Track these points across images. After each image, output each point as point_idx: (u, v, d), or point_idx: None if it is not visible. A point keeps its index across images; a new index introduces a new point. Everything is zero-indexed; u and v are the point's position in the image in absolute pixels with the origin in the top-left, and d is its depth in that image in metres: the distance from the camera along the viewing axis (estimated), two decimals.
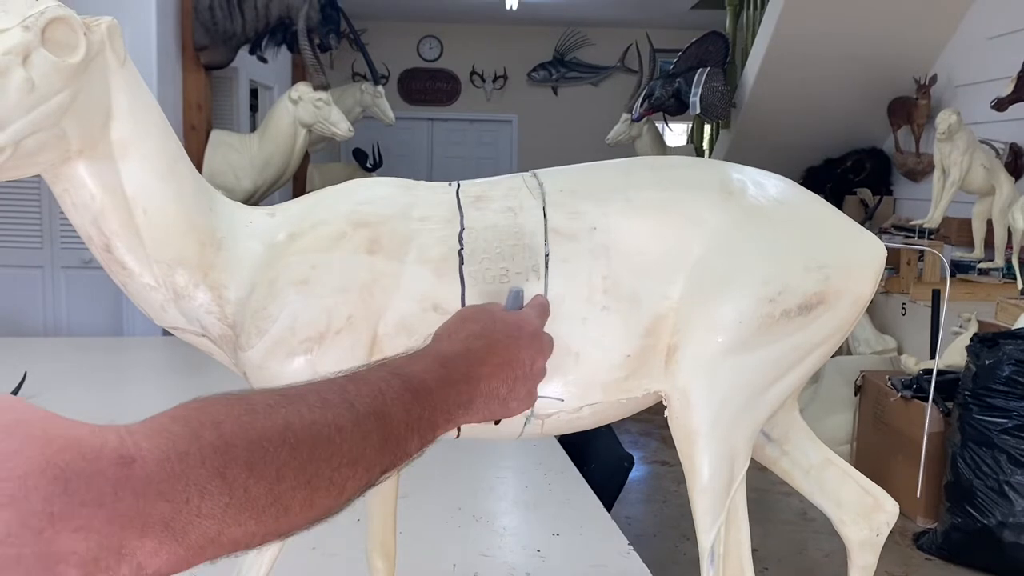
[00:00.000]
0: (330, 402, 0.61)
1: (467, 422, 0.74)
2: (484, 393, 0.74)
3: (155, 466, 0.49)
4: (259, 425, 0.56)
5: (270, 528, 0.56)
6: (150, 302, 1.00)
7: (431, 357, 0.72)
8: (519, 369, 0.77)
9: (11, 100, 0.77)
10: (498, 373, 0.75)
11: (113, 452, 0.48)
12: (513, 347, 0.78)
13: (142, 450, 0.49)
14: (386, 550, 1.20)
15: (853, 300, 1.06)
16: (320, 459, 0.58)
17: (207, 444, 0.52)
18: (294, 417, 0.57)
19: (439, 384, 0.70)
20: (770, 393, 1.04)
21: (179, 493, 0.50)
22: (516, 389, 0.77)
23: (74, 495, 0.46)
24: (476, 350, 0.75)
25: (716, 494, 1.02)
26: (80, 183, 0.90)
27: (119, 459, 0.48)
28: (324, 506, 0.60)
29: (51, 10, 0.79)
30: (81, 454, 0.47)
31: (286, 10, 4.23)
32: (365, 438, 0.61)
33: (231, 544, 0.54)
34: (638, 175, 1.11)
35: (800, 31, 5.27)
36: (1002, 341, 3.38)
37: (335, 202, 1.06)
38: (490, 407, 0.76)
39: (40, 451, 0.45)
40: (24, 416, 0.47)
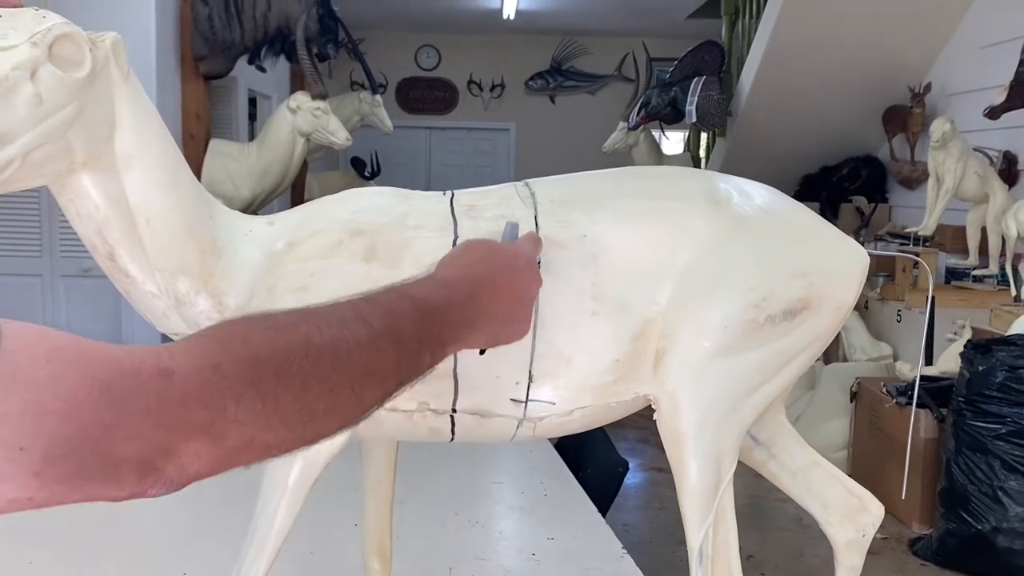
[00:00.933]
0: (347, 320, 0.65)
1: (473, 342, 0.79)
2: (485, 314, 0.80)
3: (193, 377, 0.53)
4: (284, 339, 0.60)
5: (298, 433, 0.60)
6: (152, 309, 1.02)
7: (436, 281, 0.78)
8: (516, 293, 0.83)
9: (20, 114, 0.79)
10: (498, 295, 0.81)
11: (152, 366, 0.52)
12: (510, 272, 0.84)
13: (179, 363, 0.53)
14: (382, 552, 1.23)
15: (837, 306, 1.09)
16: (341, 369, 0.63)
17: (239, 356, 0.57)
18: (315, 332, 0.62)
19: (445, 303, 0.75)
20: (756, 396, 1.07)
21: (216, 401, 0.54)
22: (514, 312, 0.83)
23: (122, 407, 0.50)
24: (477, 274, 0.81)
25: (704, 495, 1.05)
26: (85, 194, 0.93)
27: (159, 371, 0.52)
28: (346, 414, 0.64)
29: (58, 27, 0.82)
30: (122, 370, 0.51)
31: (284, 20, 4.27)
32: (380, 351, 0.66)
33: (263, 448, 0.58)
34: (627, 184, 1.14)
35: (795, 40, 5.31)
36: (995, 347, 3.41)
37: (332, 211, 1.09)
38: (491, 328, 0.81)
39: (83, 371, 0.49)
40: (60, 343, 0.50)
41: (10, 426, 0.46)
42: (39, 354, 0.48)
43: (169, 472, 0.53)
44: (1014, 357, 3.33)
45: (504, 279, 0.82)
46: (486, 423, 1.06)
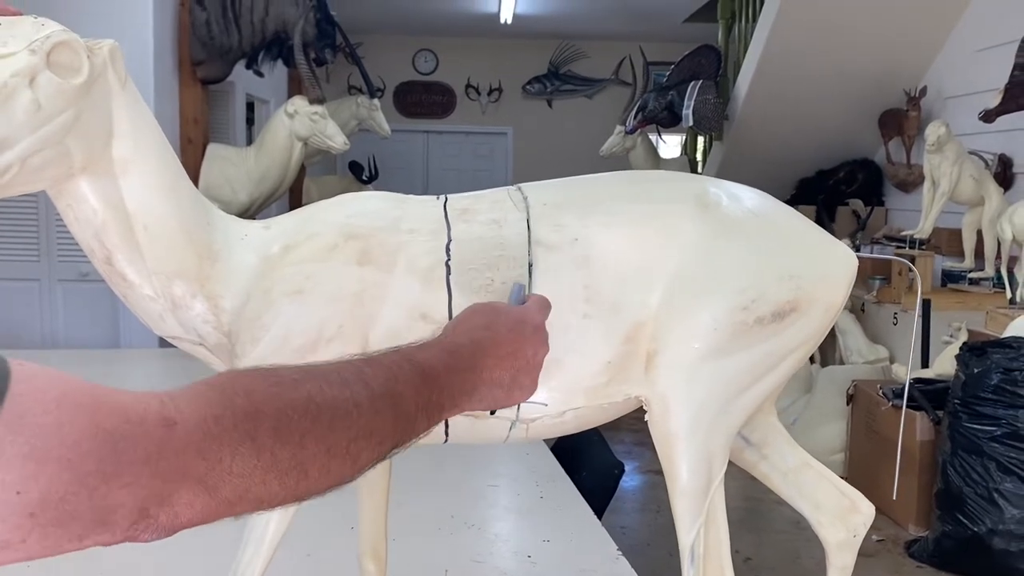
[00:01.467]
0: (348, 380, 0.66)
1: (472, 408, 0.80)
2: (488, 382, 0.80)
3: (194, 427, 0.54)
4: (286, 396, 0.61)
5: (291, 490, 0.61)
6: (149, 312, 1.03)
7: (440, 347, 0.78)
8: (521, 360, 0.83)
9: (18, 120, 0.81)
10: (502, 364, 0.81)
11: (156, 415, 0.53)
12: (517, 339, 0.83)
13: (182, 413, 0.54)
14: (377, 553, 1.24)
15: (825, 308, 1.10)
16: (338, 430, 0.63)
17: (240, 410, 0.57)
18: (316, 391, 0.63)
19: (446, 371, 0.75)
20: (746, 397, 1.08)
21: (214, 452, 0.55)
22: (519, 378, 0.83)
23: (123, 455, 0.51)
24: (481, 341, 0.81)
25: (695, 495, 1.06)
26: (83, 198, 0.94)
27: (162, 421, 0.53)
28: (340, 473, 0.65)
29: (56, 34, 0.83)
30: (128, 418, 0.52)
31: (282, 25, 4.27)
32: (378, 414, 0.67)
33: (256, 501, 0.59)
34: (618, 188, 1.15)
35: (792, 44, 5.33)
36: (990, 350, 3.42)
37: (327, 215, 1.10)
38: (494, 394, 0.81)
39: (89, 418, 0.50)
40: (70, 387, 0.51)
41: (12, 470, 0.47)
42: (48, 399, 0.49)
43: (161, 519, 0.54)
44: (1009, 359, 3.34)
45: (509, 347, 0.82)
46: (479, 424, 1.07)
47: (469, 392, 0.78)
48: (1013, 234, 3.99)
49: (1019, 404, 3.30)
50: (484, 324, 0.83)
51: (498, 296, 1.03)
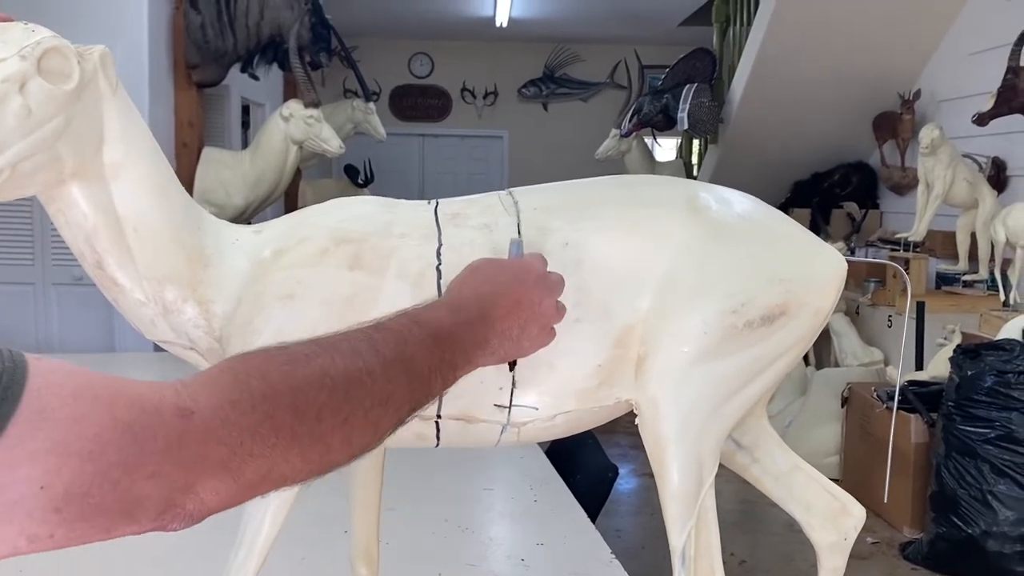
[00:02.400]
0: (360, 350, 0.67)
1: (486, 362, 0.80)
2: (498, 333, 0.80)
3: (211, 414, 0.55)
4: (300, 372, 0.61)
5: (314, 464, 0.62)
6: (140, 317, 1.04)
7: (446, 304, 0.79)
8: (528, 309, 0.83)
9: (9, 125, 0.81)
10: (509, 314, 0.82)
11: (172, 405, 0.54)
12: (520, 288, 0.84)
13: (199, 401, 0.55)
14: (369, 557, 1.24)
15: (815, 312, 1.10)
16: (355, 400, 0.64)
17: (256, 392, 0.58)
18: (329, 364, 0.63)
19: (455, 328, 0.76)
20: (736, 401, 1.09)
21: (234, 437, 0.55)
22: (528, 328, 0.83)
23: (143, 446, 0.51)
24: (485, 295, 0.82)
25: (686, 498, 1.06)
26: (73, 203, 0.94)
27: (179, 410, 0.53)
28: (361, 442, 0.66)
29: (47, 40, 0.84)
30: (144, 409, 0.52)
31: (277, 28, 4.28)
32: (393, 380, 0.68)
33: (280, 479, 0.60)
34: (609, 193, 1.16)
35: (786, 48, 5.34)
36: (984, 352, 3.43)
37: (319, 220, 1.10)
38: (504, 347, 0.82)
39: (107, 410, 0.50)
40: (87, 381, 0.51)
41: (35, 465, 0.47)
42: (65, 392, 0.49)
43: (188, 507, 0.54)
44: (1003, 362, 3.35)
45: (514, 296, 0.83)
46: (470, 428, 1.07)
47: (481, 345, 0.79)
48: (1007, 237, 4.00)
49: (1013, 406, 3.31)
50: (486, 278, 0.84)
51: None
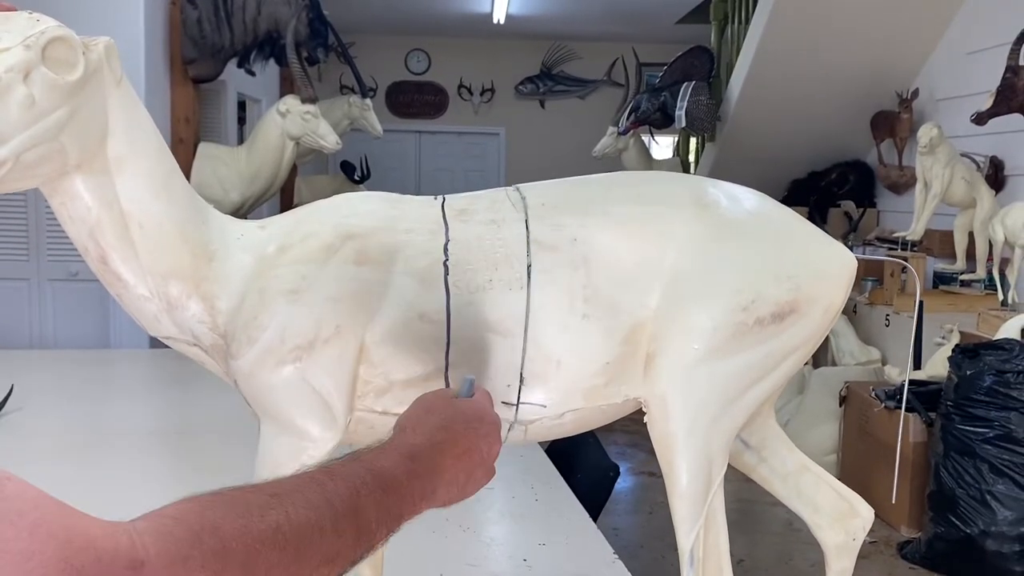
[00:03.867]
0: (313, 503, 0.66)
1: (430, 507, 0.79)
2: (447, 482, 0.79)
3: (161, 570, 0.54)
4: (254, 528, 0.60)
5: None
6: (144, 312, 1.02)
7: (400, 452, 0.77)
8: (477, 456, 0.82)
9: (12, 115, 0.80)
10: (459, 463, 0.80)
11: (125, 556, 0.52)
12: (473, 436, 0.83)
13: (150, 553, 0.54)
14: (372, 558, 1.22)
15: (824, 308, 1.09)
16: (304, 558, 0.63)
17: (208, 549, 0.57)
18: (284, 520, 0.62)
19: (408, 478, 0.75)
20: (745, 399, 1.08)
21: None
22: (475, 474, 0.83)
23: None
24: (440, 443, 0.80)
25: (695, 498, 1.05)
26: (77, 196, 0.93)
27: (130, 563, 0.52)
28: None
29: (51, 30, 0.82)
30: (97, 556, 0.51)
31: (274, 24, 4.26)
32: (341, 536, 0.67)
33: None
34: (617, 190, 1.15)
35: (784, 46, 5.34)
36: (983, 352, 3.43)
37: (324, 215, 1.09)
38: (450, 493, 0.81)
39: (60, 552, 0.49)
40: (46, 515, 0.50)
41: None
42: (22, 524, 0.48)
43: None
44: (1001, 361, 3.35)
45: (466, 444, 0.82)
46: None
47: (429, 496, 0.77)
48: (1005, 236, 4.00)
49: (1011, 406, 3.30)
50: (441, 424, 0.82)
51: (497, 295, 1.03)
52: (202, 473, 1.99)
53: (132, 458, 2.18)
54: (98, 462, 2.11)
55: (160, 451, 2.28)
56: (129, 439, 2.33)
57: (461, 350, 1.02)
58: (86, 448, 2.21)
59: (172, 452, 2.27)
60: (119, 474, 2.03)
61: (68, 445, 2.22)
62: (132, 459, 2.17)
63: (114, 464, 2.11)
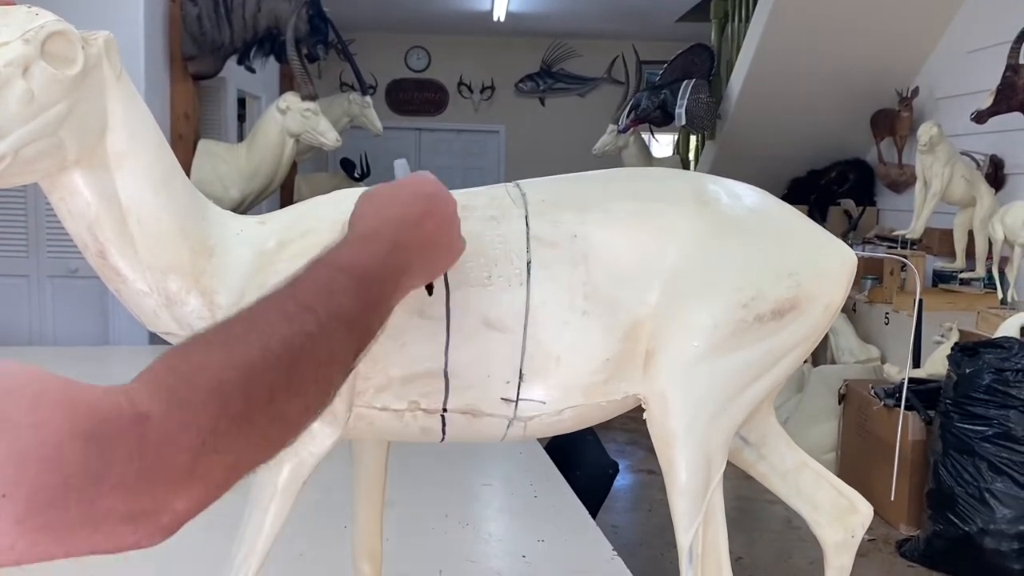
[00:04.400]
0: (291, 314, 0.65)
1: (414, 285, 0.80)
2: (415, 251, 0.80)
3: (166, 419, 0.53)
4: (240, 356, 0.60)
5: (279, 441, 0.62)
6: (143, 308, 1.02)
7: (357, 238, 0.78)
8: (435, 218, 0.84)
9: (11, 110, 0.79)
10: (419, 229, 0.81)
11: (129, 412, 0.52)
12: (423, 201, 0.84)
13: (151, 406, 0.53)
14: (372, 554, 1.23)
15: (825, 306, 1.09)
16: (301, 367, 0.63)
17: (203, 388, 0.57)
18: (266, 337, 0.62)
19: (373, 260, 0.75)
20: (745, 396, 1.08)
21: (193, 439, 0.54)
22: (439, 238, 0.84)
23: (105, 454, 0.49)
24: (392, 217, 0.81)
25: (694, 495, 1.05)
26: (76, 191, 0.93)
27: (135, 417, 0.52)
28: (318, 402, 0.66)
29: (51, 24, 0.82)
30: (102, 417, 0.51)
31: (274, 21, 4.26)
32: (332, 335, 0.67)
33: (249, 465, 0.59)
34: (617, 186, 1.15)
35: (784, 44, 5.34)
36: (982, 350, 3.43)
37: (324, 210, 1.08)
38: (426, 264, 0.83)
39: (67, 418, 0.49)
40: (45, 386, 0.50)
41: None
42: (24, 398, 0.48)
43: (161, 520, 0.53)
44: (1001, 360, 3.35)
45: (418, 210, 0.82)
46: (476, 422, 1.06)
47: (404, 269, 0.78)
48: (1004, 235, 4.00)
49: (1011, 404, 3.31)
50: (385, 201, 0.83)
51: (496, 291, 1.03)
52: None
53: None
54: None
55: None
56: None
57: (460, 346, 1.02)
58: None
59: None
60: None
61: None
62: None
63: None
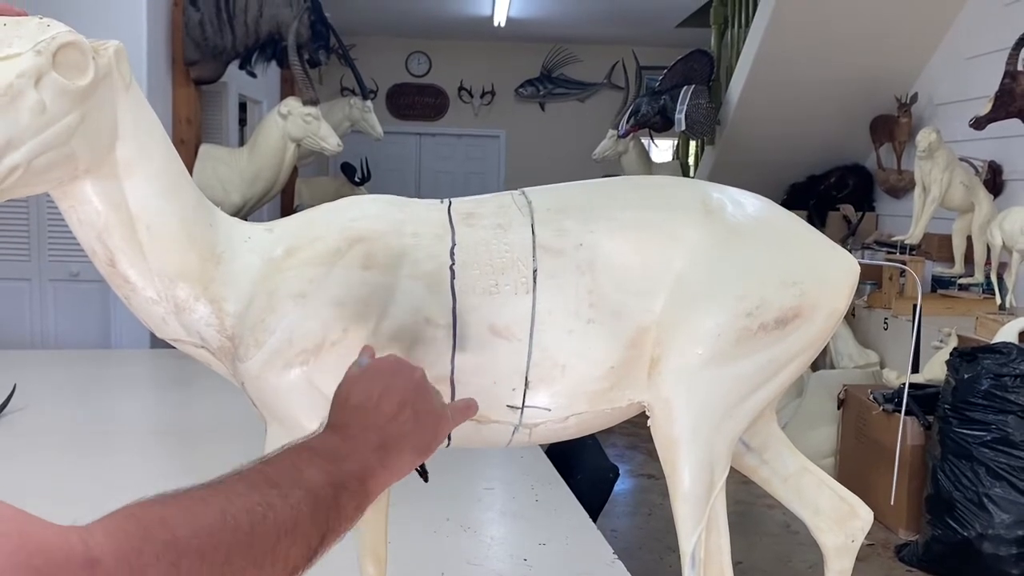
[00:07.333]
0: (255, 483, 0.66)
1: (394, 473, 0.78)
2: (388, 428, 0.78)
3: (115, 566, 0.54)
4: (200, 515, 0.61)
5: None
6: (152, 315, 1.03)
7: (326, 429, 0.78)
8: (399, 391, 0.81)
9: (24, 121, 0.80)
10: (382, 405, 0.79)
11: (80, 555, 0.53)
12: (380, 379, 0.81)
13: (104, 551, 0.54)
14: (377, 556, 1.23)
15: (828, 314, 1.10)
16: (260, 535, 0.63)
17: (159, 540, 0.57)
18: (228, 503, 0.63)
19: (343, 441, 0.75)
20: (748, 403, 1.09)
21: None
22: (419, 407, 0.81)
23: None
24: (357, 403, 0.80)
25: (697, 500, 1.06)
26: (86, 200, 0.93)
27: (85, 561, 0.53)
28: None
29: (62, 35, 0.83)
30: (51, 558, 0.51)
31: (276, 26, 4.27)
32: (295, 508, 0.67)
33: None
34: (622, 194, 1.16)
35: (784, 50, 5.35)
36: (981, 355, 3.44)
37: (331, 218, 1.09)
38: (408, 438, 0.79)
39: (16, 555, 0.49)
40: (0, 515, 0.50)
41: None
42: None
43: None
44: (999, 365, 3.36)
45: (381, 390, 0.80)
46: (483, 429, 1.07)
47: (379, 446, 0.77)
48: (1003, 240, 4.01)
49: (1009, 409, 3.32)
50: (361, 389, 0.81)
51: (502, 299, 1.04)
52: (201, 473, 1.99)
53: (133, 457, 2.19)
54: (99, 461, 2.12)
55: (160, 451, 2.29)
56: (130, 438, 2.34)
57: (466, 353, 1.03)
58: (87, 447, 2.22)
59: (172, 452, 2.27)
60: (120, 473, 2.04)
61: (70, 444, 2.23)
62: (133, 458, 2.18)
63: (115, 463, 2.12)
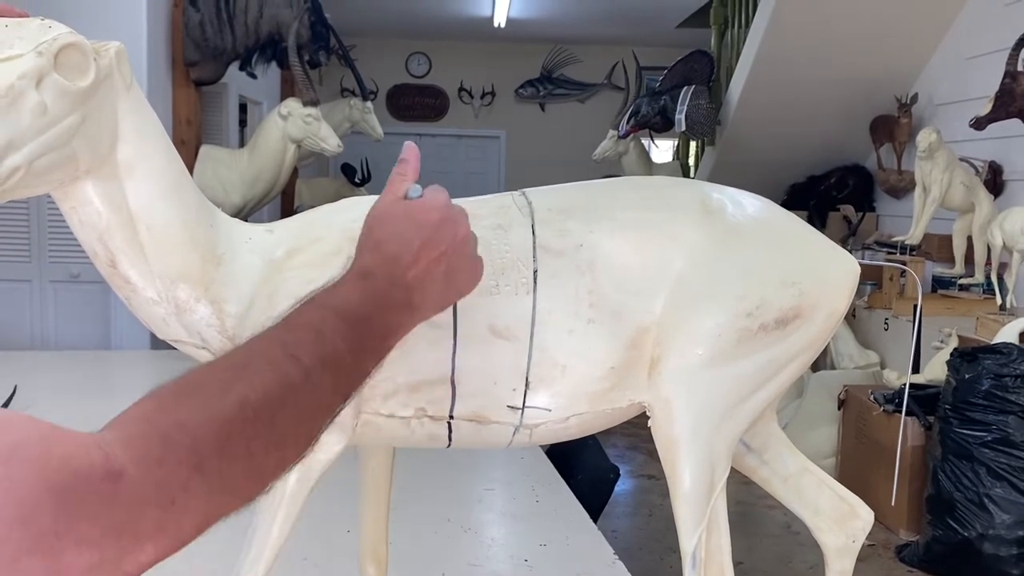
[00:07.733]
0: (276, 361, 0.63)
1: (423, 317, 0.75)
2: (419, 284, 0.75)
3: (139, 477, 0.53)
4: (217, 410, 0.59)
5: (251, 494, 0.60)
6: (152, 316, 1.03)
7: (351, 277, 0.74)
8: (443, 245, 0.77)
9: (25, 122, 0.80)
10: (421, 260, 0.75)
11: (101, 468, 0.52)
12: (424, 230, 0.77)
13: (124, 462, 0.53)
14: (377, 557, 1.24)
15: (828, 314, 1.11)
16: (282, 421, 0.61)
17: (179, 445, 0.56)
18: (247, 390, 0.60)
19: (368, 298, 0.71)
20: (749, 403, 1.09)
21: (165, 497, 0.54)
22: (453, 264, 0.77)
23: (72, 512, 0.50)
24: (389, 250, 0.75)
25: (697, 501, 1.06)
26: (87, 201, 0.93)
27: (107, 474, 0.52)
28: (296, 456, 0.64)
29: (63, 36, 0.83)
30: (75, 473, 0.51)
31: (276, 27, 4.27)
32: (317, 388, 0.65)
33: (218, 519, 0.59)
34: (622, 195, 1.16)
35: (784, 50, 5.35)
36: (981, 356, 3.44)
37: (332, 219, 1.09)
38: (434, 297, 0.76)
39: (39, 474, 0.49)
40: (21, 437, 0.50)
41: None
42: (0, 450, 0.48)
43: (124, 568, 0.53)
44: (1000, 365, 3.36)
45: (420, 238, 0.76)
46: (483, 430, 1.07)
47: (405, 304, 0.73)
48: (1003, 240, 4.02)
49: (1009, 410, 3.32)
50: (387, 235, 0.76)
51: (503, 300, 1.04)
52: None
53: None
54: None
55: None
56: None
57: (467, 354, 1.03)
58: None
59: None
60: None
61: None
62: None
63: None
